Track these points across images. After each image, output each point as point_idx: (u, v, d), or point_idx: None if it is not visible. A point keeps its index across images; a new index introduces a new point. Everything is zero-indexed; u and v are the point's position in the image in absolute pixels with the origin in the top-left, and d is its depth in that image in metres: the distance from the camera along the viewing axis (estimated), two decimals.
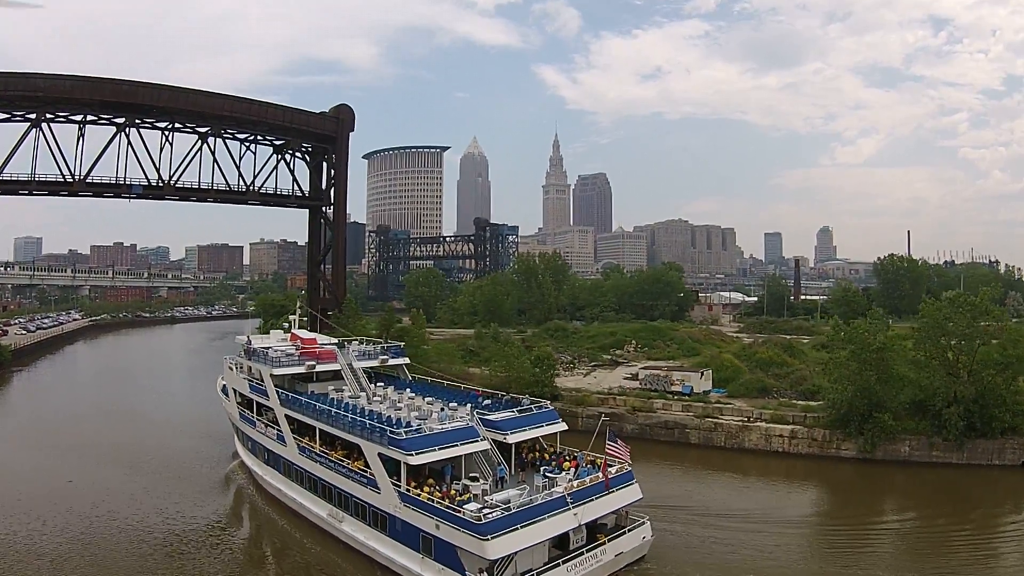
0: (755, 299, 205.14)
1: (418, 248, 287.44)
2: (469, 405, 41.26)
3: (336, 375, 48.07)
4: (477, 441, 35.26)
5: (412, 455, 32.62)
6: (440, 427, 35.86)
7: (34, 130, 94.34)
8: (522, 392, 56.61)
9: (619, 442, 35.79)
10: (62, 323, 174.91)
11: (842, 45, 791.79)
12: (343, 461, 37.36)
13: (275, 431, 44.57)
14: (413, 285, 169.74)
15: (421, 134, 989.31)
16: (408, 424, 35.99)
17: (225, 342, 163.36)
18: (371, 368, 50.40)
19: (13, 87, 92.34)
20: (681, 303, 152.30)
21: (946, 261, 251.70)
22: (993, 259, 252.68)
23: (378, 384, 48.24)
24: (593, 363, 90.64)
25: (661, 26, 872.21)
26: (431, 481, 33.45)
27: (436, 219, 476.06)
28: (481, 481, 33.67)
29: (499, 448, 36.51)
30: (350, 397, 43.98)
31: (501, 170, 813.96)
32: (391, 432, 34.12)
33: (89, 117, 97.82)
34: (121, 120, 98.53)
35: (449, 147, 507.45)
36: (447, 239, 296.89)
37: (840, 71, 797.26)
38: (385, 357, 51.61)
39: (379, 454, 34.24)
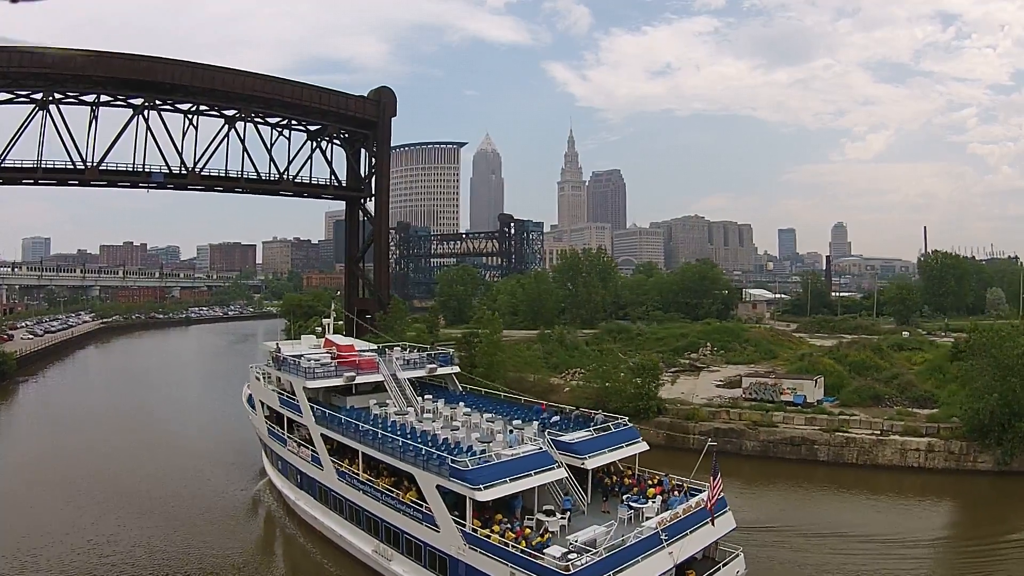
0: (783, 296, 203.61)
1: (439, 245, 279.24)
2: (535, 423, 36.91)
3: (378, 387, 43.23)
4: (553, 468, 30.44)
5: (480, 489, 27.81)
6: (509, 453, 30.63)
7: (40, 112, 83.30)
8: (623, 407, 53.04)
9: (719, 478, 29.79)
10: (71, 326, 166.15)
11: (851, 41, 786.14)
12: (391, 491, 32.66)
13: (309, 451, 39.87)
14: (447, 284, 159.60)
15: (431, 132, 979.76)
16: (470, 449, 31.51)
17: (247, 345, 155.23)
18: (416, 378, 45.29)
19: (18, 63, 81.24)
20: (726, 301, 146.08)
21: (966, 258, 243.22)
22: (1012, 255, 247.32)
23: (426, 396, 42.98)
24: (672, 368, 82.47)
25: (671, 23, 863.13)
26: (499, 516, 29.04)
27: (453, 216, 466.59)
28: (559, 516, 29.61)
29: (573, 474, 32.15)
30: (396, 413, 39.17)
31: (512, 167, 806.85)
32: (453, 461, 28.99)
33: (103, 98, 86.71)
34: (138, 101, 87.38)
35: (466, 143, 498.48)
36: (470, 236, 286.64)
37: (849, 67, 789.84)
38: (433, 366, 46.52)
39: (438, 486, 29.30)
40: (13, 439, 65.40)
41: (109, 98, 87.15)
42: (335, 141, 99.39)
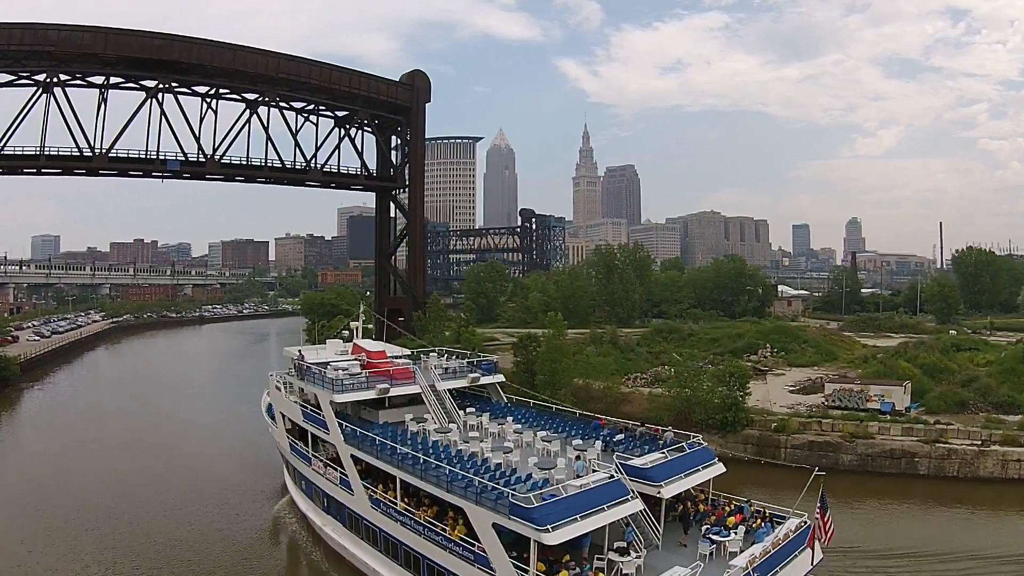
0: (803, 292, 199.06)
1: (458, 241, 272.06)
2: (597, 442, 33.12)
3: (413, 399, 39.07)
4: (628, 500, 26.26)
5: (548, 531, 23.48)
6: (578, 484, 26.43)
7: (44, 95, 75.66)
8: (709, 419, 51.40)
9: (829, 513, 26.24)
10: (80, 326, 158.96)
11: (861, 36, 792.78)
12: (435, 525, 28.30)
13: (338, 473, 35.43)
14: (474, 281, 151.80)
15: (440, 128, 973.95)
16: (529, 477, 27.57)
17: (265, 346, 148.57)
18: (457, 389, 40.85)
19: (18, 40, 73.84)
20: (762, 298, 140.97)
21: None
22: None
23: (468, 410, 39.22)
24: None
25: (681, 18, 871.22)
26: (566, 558, 24.71)
27: (470, 212, 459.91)
28: (633, 555, 25.55)
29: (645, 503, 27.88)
30: (436, 431, 35.08)
31: (522, 163, 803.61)
32: (514, 498, 24.72)
33: (112, 80, 79.09)
34: (152, 83, 79.75)
35: (482, 137, 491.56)
36: (490, 232, 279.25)
37: (860, 62, 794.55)
38: (476, 375, 41.89)
39: (494, 524, 25.15)
40: (13, 455, 58.12)
41: (120, 80, 79.66)
42: (365, 128, 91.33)
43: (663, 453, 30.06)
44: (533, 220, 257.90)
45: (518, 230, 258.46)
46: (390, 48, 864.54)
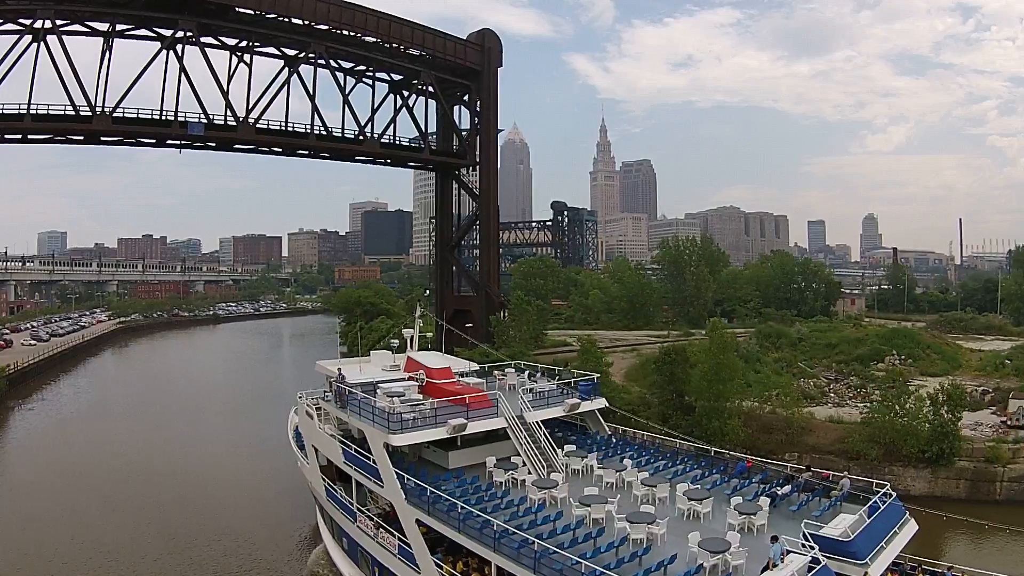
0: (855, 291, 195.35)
1: None
2: (763, 498, 24.14)
3: (491, 433, 29.38)
4: None
5: None
6: None
7: (35, 44, 59.71)
8: (919, 453, 43.35)
9: None
10: (83, 326, 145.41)
11: (872, 32, 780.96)
12: None
13: (396, 540, 26.07)
14: (522, 277, 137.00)
15: None
16: (699, 570, 19.49)
17: (289, 351, 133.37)
18: (548, 418, 31.38)
19: None
20: (828, 296, 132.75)
21: (1010, 250, 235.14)
22: None
23: (566, 448, 30.11)
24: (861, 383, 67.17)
25: (692, 14, 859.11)
26: None
27: None
28: None
29: None
30: (534, 484, 25.58)
31: (536, 158, 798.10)
32: None
33: (119, 26, 63.27)
34: (168, 32, 63.73)
35: (503, 130, 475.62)
36: (518, 225, 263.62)
37: (870, 58, 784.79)
38: (575, 401, 32.58)
39: None
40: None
41: (129, 26, 63.84)
42: (428, 95, 75.47)
43: (857, 514, 22.19)
44: (565, 213, 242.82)
45: (549, 224, 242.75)
46: None
